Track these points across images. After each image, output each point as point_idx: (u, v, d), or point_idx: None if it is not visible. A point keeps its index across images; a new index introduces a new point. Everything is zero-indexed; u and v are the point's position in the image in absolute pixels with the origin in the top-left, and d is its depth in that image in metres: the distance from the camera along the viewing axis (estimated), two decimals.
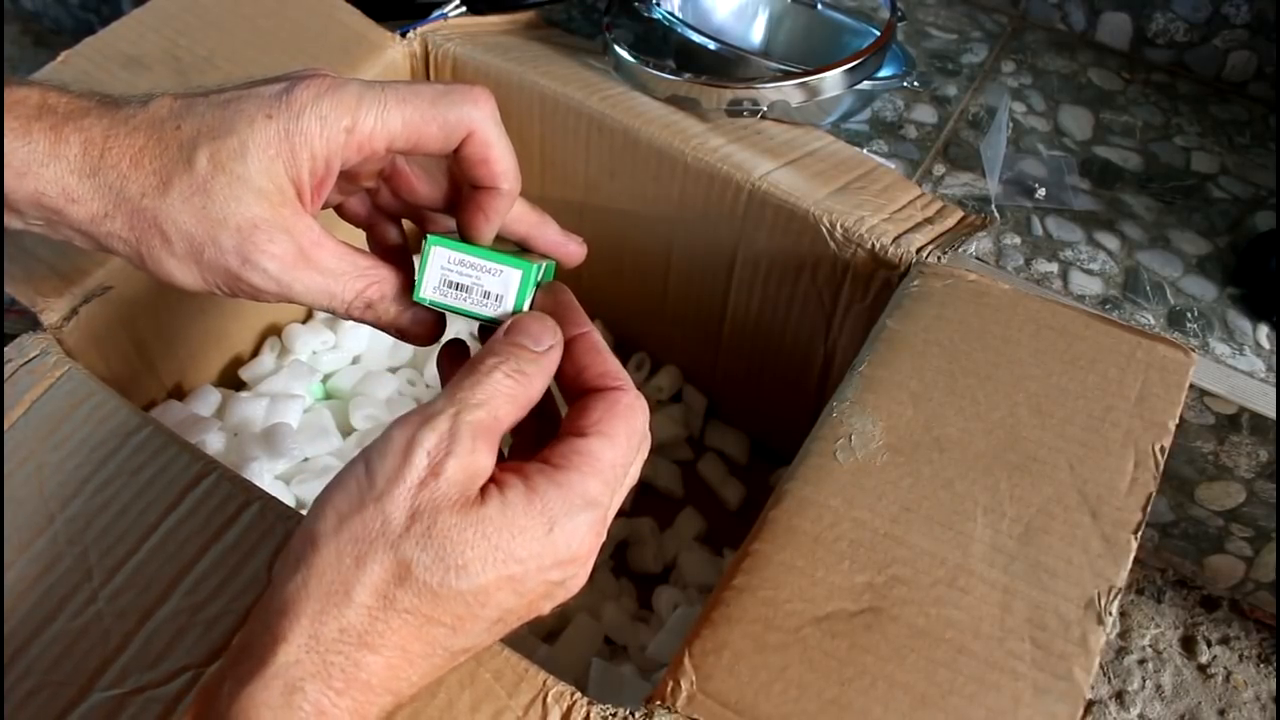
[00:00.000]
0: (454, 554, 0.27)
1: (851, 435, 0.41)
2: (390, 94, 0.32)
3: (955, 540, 0.38)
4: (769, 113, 0.57)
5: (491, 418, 0.29)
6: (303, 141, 0.31)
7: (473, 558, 0.27)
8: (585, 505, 0.29)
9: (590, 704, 0.33)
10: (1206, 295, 0.58)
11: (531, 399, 0.31)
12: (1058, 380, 0.43)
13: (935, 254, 0.50)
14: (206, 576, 0.36)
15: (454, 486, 0.28)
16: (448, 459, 0.28)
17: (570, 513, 0.29)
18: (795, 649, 0.35)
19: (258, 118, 0.31)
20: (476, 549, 0.27)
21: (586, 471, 0.29)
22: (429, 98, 0.32)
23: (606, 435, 0.30)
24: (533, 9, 0.66)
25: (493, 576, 0.28)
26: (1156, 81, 0.73)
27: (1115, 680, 0.63)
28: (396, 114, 0.32)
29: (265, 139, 0.31)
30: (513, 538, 0.28)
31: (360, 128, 0.31)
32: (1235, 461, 0.57)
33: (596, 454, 0.30)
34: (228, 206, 0.31)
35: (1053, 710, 0.34)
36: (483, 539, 0.28)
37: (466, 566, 0.27)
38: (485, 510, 0.28)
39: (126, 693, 0.33)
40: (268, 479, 0.52)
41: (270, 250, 0.31)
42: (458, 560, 0.27)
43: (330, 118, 0.31)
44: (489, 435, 0.29)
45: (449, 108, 0.32)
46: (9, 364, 0.42)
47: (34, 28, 1.08)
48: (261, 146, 0.31)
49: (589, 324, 0.34)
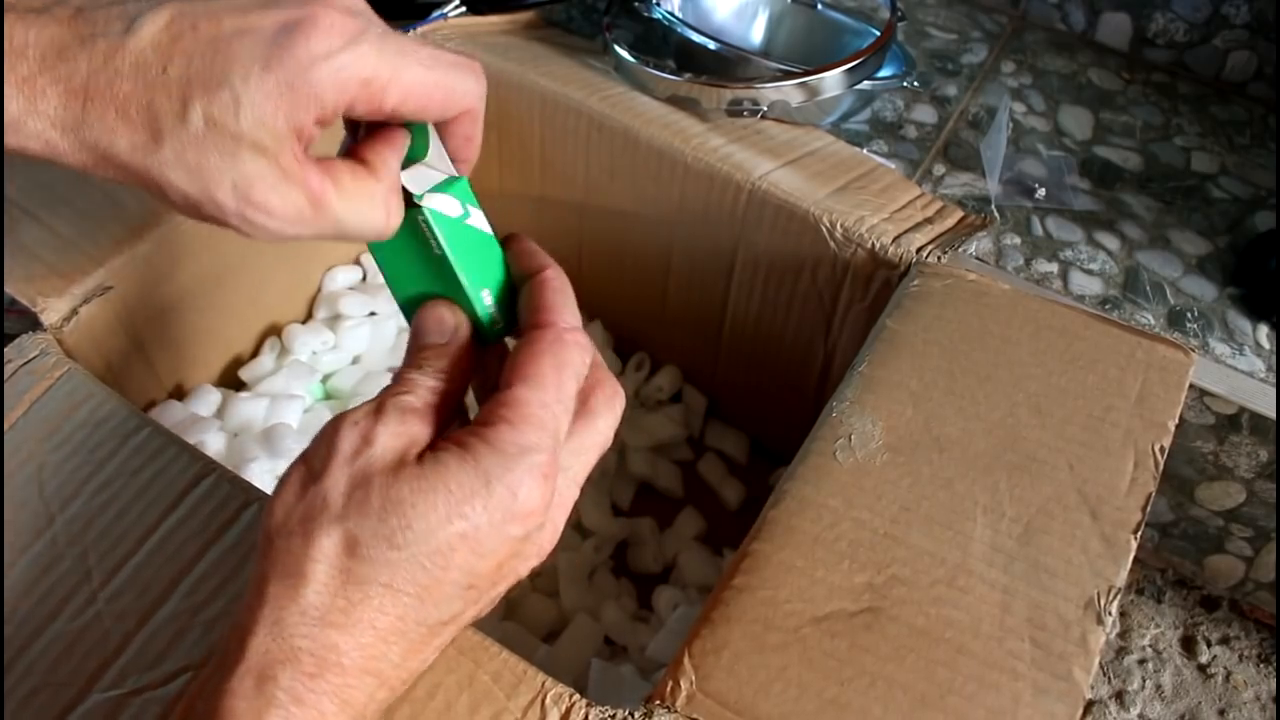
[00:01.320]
0: (396, 515, 0.27)
1: (851, 435, 0.41)
2: (410, 56, 0.31)
3: (955, 540, 0.38)
4: (769, 113, 0.57)
5: (417, 399, 0.30)
6: (311, 95, 0.29)
7: (415, 516, 0.27)
8: (520, 453, 0.29)
9: (589, 706, 0.33)
10: (1206, 295, 0.58)
11: (454, 377, 0.31)
12: (1058, 380, 0.43)
13: (935, 254, 0.50)
14: (206, 578, 0.36)
15: (388, 452, 0.28)
16: (377, 427, 0.28)
17: (506, 464, 0.28)
18: (795, 649, 0.35)
19: (253, 70, 0.28)
20: (418, 508, 0.27)
21: (514, 421, 0.29)
22: (444, 65, 0.31)
23: (529, 378, 0.30)
24: (533, 9, 0.66)
25: (443, 536, 0.27)
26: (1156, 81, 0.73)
27: (1115, 680, 0.63)
28: (412, 76, 0.30)
29: (264, 93, 0.28)
30: (452, 494, 0.28)
31: (375, 82, 0.30)
32: (1235, 461, 0.57)
33: (521, 400, 0.29)
34: (223, 163, 0.28)
35: (1052, 710, 0.34)
36: (422, 497, 0.27)
37: (411, 526, 0.27)
38: (421, 469, 0.28)
39: (126, 694, 0.33)
40: (268, 479, 0.52)
41: (272, 204, 0.29)
42: (401, 521, 0.27)
43: (347, 70, 0.29)
44: (418, 412, 0.30)
45: (458, 80, 0.32)
46: (9, 364, 0.42)
47: None
48: (258, 102, 0.28)
49: (548, 262, 0.33)
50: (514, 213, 0.66)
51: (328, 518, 0.27)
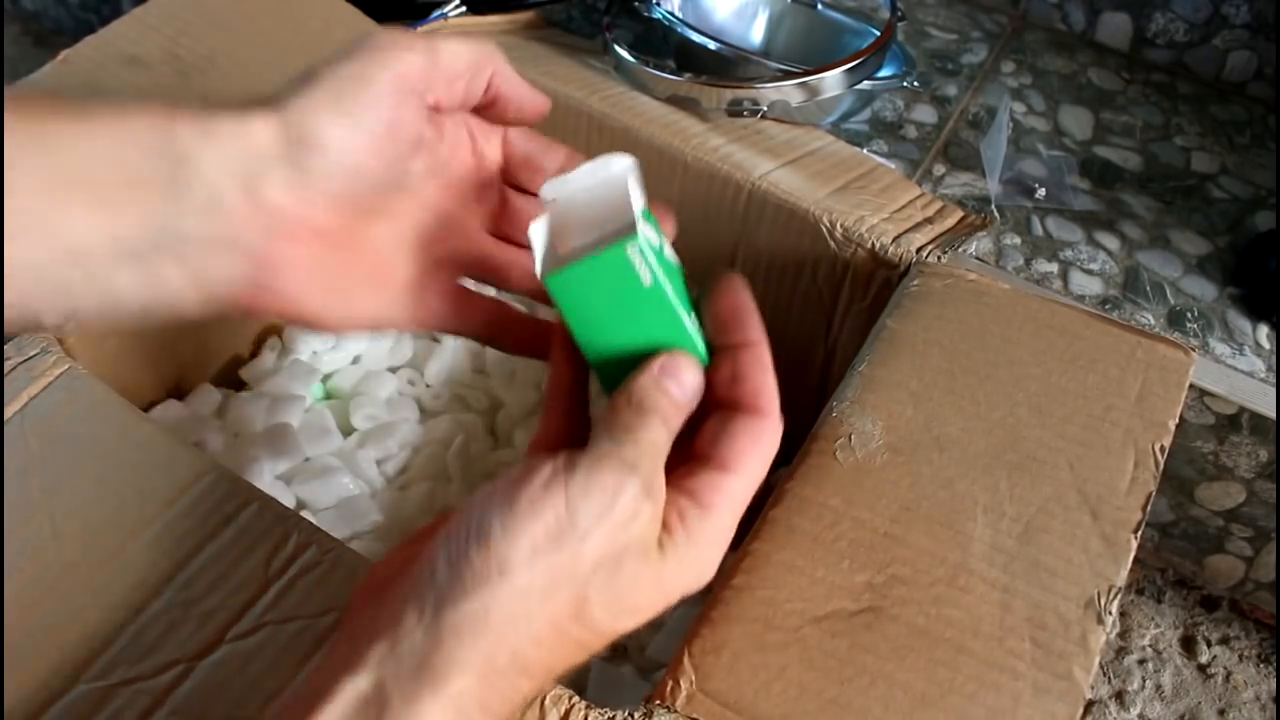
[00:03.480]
0: (630, 598, 0.28)
1: (851, 435, 0.41)
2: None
3: (955, 540, 0.38)
4: (769, 113, 0.57)
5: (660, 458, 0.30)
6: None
7: (643, 603, 0.29)
8: (724, 541, 0.30)
9: (589, 707, 0.33)
10: (1206, 295, 0.58)
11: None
12: (1058, 380, 0.43)
13: (935, 254, 0.50)
14: (202, 572, 0.36)
15: (645, 534, 0.28)
16: (645, 504, 0.28)
17: (715, 550, 0.30)
18: (795, 648, 0.35)
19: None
20: (646, 595, 0.29)
21: (726, 509, 0.30)
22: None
23: (746, 471, 0.30)
24: (533, 9, 0.66)
25: (650, 614, 0.29)
26: (1156, 81, 0.73)
27: (1115, 680, 0.63)
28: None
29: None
30: (677, 580, 0.29)
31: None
32: (1235, 461, 0.57)
33: (737, 492, 0.30)
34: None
35: (1052, 710, 0.34)
36: (655, 587, 0.29)
37: (638, 611, 0.29)
38: (663, 562, 0.29)
39: (114, 684, 0.33)
40: (268, 479, 0.52)
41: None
42: (632, 604, 0.28)
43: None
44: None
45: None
46: (8, 362, 0.42)
47: (34, 28, 1.08)
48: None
49: (760, 334, 0.33)
50: None
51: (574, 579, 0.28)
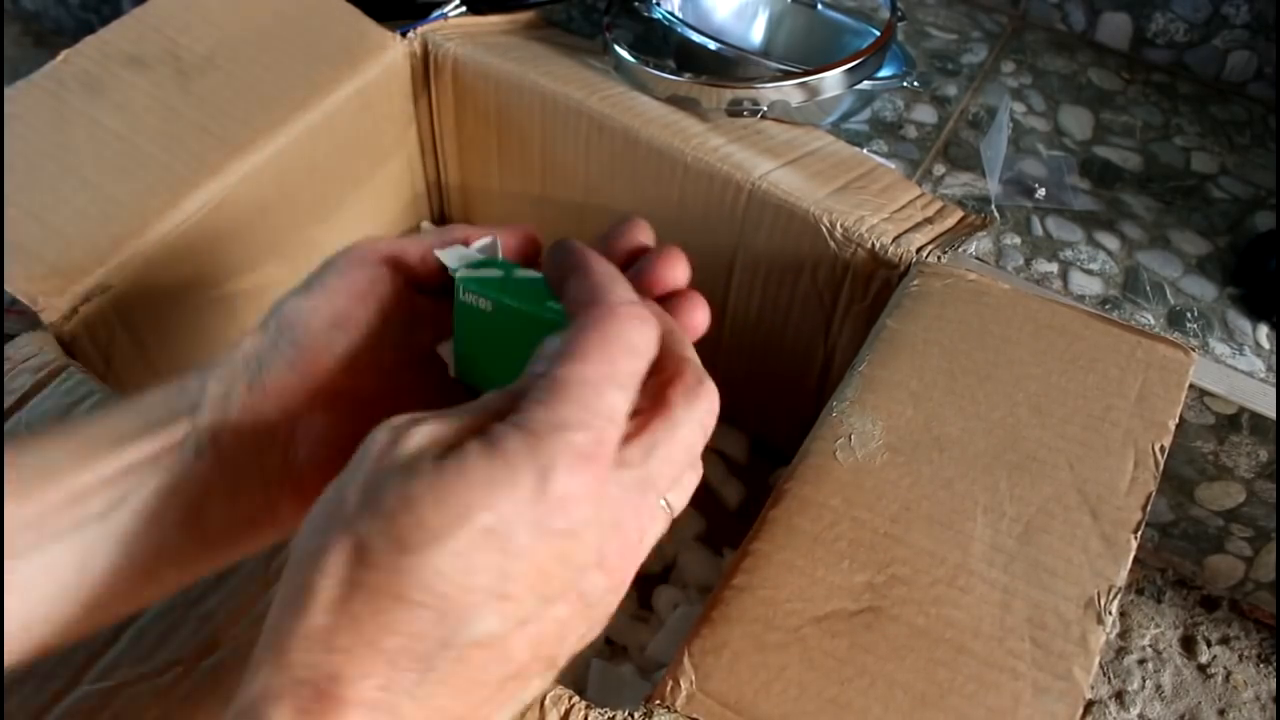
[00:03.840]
0: (404, 513, 0.23)
1: (851, 435, 0.41)
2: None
3: (955, 540, 0.38)
4: (769, 113, 0.57)
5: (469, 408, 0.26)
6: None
7: (427, 513, 0.23)
8: (551, 430, 0.24)
9: (589, 708, 0.33)
10: (1206, 295, 0.58)
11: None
12: (1058, 380, 0.43)
13: (935, 254, 0.50)
14: None
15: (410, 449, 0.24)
16: (413, 428, 0.24)
17: (533, 443, 0.24)
18: (795, 648, 0.35)
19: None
20: (426, 501, 0.23)
21: (546, 398, 0.24)
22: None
23: (567, 355, 0.25)
24: (533, 9, 0.66)
25: (463, 536, 0.23)
26: (1156, 81, 0.73)
27: (1115, 680, 0.63)
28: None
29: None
30: (471, 483, 0.23)
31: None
32: (1235, 461, 0.57)
33: (557, 379, 0.25)
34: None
35: (1052, 710, 0.34)
36: (429, 490, 0.23)
37: (423, 524, 0.23)
38: (439, 462, 0.23)
39: (116, 685, 0.33)
40: None
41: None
42: (411, 519, 0.23)
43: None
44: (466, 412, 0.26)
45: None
46: (9, 363, 0.42)
47: (34, 28, 1.08)
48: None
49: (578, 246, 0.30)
50: (514, 213, 0.66)
51: (339, 523, 0.23)
